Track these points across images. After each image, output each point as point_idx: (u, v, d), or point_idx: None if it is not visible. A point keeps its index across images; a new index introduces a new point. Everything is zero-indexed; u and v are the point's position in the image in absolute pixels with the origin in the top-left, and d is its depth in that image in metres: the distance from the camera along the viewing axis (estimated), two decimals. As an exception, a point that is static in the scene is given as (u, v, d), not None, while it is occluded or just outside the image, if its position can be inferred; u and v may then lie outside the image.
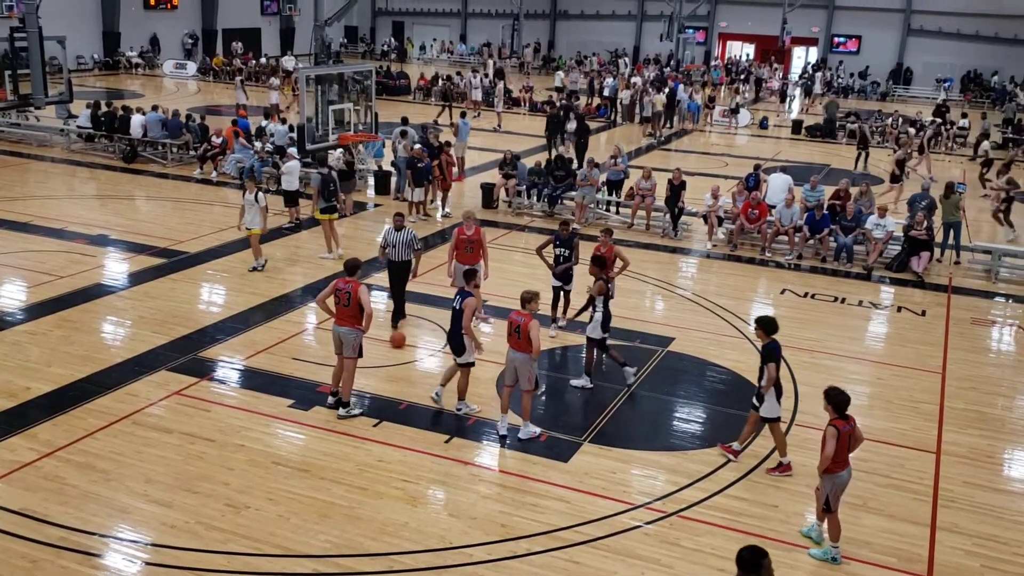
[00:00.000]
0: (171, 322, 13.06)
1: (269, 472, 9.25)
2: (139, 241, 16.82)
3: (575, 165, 21.31)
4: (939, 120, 33.53)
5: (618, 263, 12.78)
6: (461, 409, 10.60)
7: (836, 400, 7.98)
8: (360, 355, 10.44)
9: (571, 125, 24.12)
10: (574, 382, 11.64)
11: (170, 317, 13.25)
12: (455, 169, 21.85)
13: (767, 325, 9.45)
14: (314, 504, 8.71)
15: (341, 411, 10.46)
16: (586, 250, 13.54)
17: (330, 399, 10.63)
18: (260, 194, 15.06)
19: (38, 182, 21.76)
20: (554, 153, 23.81)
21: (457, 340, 10.40)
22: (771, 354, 9.33)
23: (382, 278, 14.72)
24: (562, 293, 13.35)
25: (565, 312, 13.52)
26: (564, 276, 13.25)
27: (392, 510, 8.68)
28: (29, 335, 12.41)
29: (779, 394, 9.53)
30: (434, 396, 10.73)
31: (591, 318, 11.36)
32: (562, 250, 13.12)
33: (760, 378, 9.45)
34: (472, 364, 10.54)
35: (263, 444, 9.83)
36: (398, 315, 13.34)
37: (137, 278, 14.92)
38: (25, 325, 12.77)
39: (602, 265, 11.81)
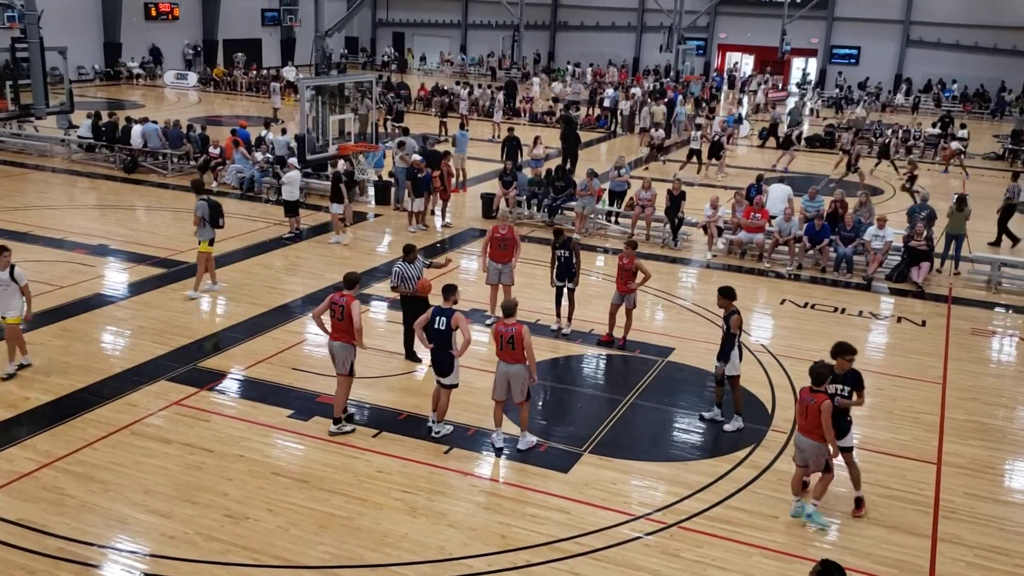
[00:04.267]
0: (171, 332, 13.05)
1: (268, 483, 9.23)
2: (139, 251, 16.82)
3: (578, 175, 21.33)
4: (940, 131, 33.60)
5: (639, 275, 12.91)
6: (439, 432, 10.34)
7: (817, 372, 8.79)
8: (351, 373, 10.20)
9: (539, 149, 23.91)
10: (728, 427, 10.84)
11: (170, 327, 13.24)
12: (454, 180, 21.90)
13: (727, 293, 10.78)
14: (313, 515, 8.69)
15: (332, 427, 10.29)
16: (587, 259, 13.59)
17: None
18: (17, 270, 11.14)
19: (39, 192, 21.78)
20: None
21: (444, 360, 10.11)
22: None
23: (382, 288, 14.73)
24: (566, 291, 13.47)
25: (570, 317, 13.58)
26: (566, 274, 13.35)
27: (391, 521, 8.65)
28: (29, 345, 12.35)
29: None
30: (434, 433, 10.32)
31: (729, 355, 10.63)
32: (562, 251, 13.30)
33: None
34: (456, 385, 10.31)
35: (262, 455, 9.81)
36: (412, 355, 12.43)
37: (137, 288, 14.91)
38: (25, 335, 12.71)
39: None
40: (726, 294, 10.78)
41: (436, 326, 10.00)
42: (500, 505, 9.05)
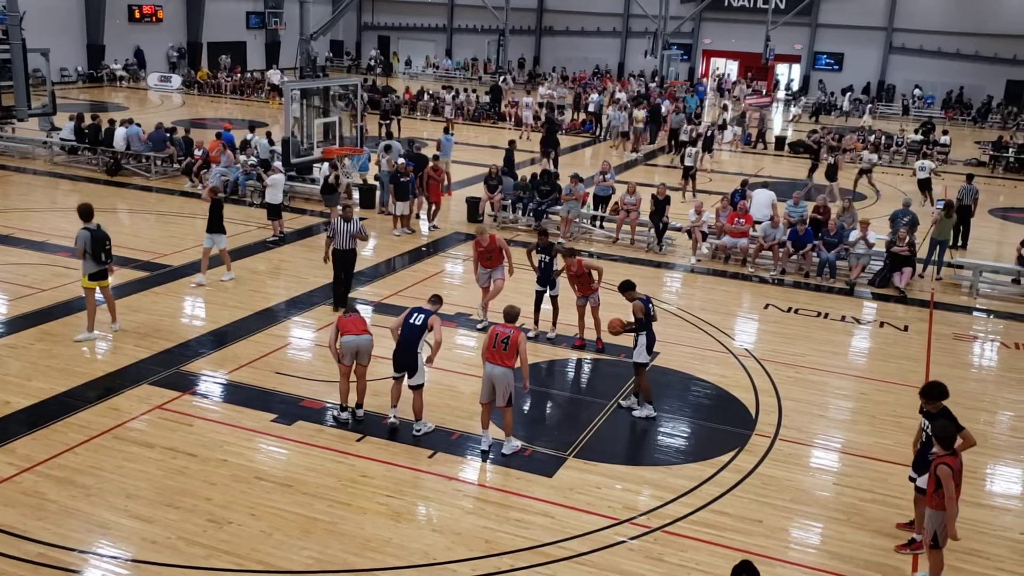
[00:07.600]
0: (153, 336, 12.96)
1: (251, 487, 9.18)
2: (122, 254, 16.64)
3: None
4: (923, 138, 33.86)
5: (595, 275, 12.97)
6: (420, 430, 10.34)
7: (942, 435, 7.75)
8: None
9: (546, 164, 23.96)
10: (636, 413, 11.27)
11: (152, 331, 13.16)
12: (443, 184, 21.88)
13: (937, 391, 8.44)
14: (297, 519, 8.65)
15: (360, 412, 10.62)
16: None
17: (344, 414, 10.61)
18: None
19: (20, 194, 21.60)
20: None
21: (410, 359, 10.11)
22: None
23: (368, 292, 14.71)
24: (547, 297, 13.60)
25: (555, 322, 13.60)
26: (545, 280, 13.50)
27: (375, 526, 8.63)
28: (9, 348, 12.29)
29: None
30: (415, 432, 10.36)
31: (636, 341, 11.12)
32: (543, 256, 13.53)
33: None
34: (423, 385, 10.31)
35: (245, 459, 9.76)
36: (340, 302, 13.80)
37: (119, 291, 14.74)
38: (5, 338, 12.64)
39: (629, 288, 11.49)
40: (624, 287, 11.53)
41: (412, 320, 10.21)
42: (484, 509, 9.04)
